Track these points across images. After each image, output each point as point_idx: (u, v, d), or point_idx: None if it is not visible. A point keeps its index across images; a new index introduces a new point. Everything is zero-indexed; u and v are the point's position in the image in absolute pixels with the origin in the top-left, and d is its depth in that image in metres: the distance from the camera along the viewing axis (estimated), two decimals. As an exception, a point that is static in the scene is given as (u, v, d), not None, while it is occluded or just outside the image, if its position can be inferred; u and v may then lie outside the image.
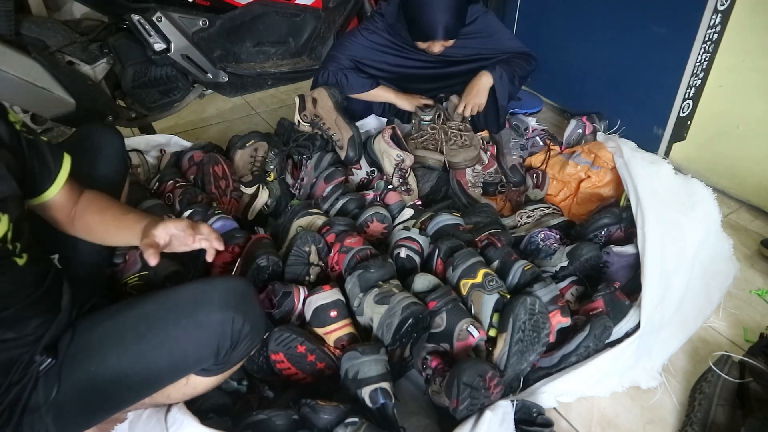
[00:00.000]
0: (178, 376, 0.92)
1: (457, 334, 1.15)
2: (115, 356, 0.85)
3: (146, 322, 0.87)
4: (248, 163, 1.66)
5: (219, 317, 0.87)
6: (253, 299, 0.94)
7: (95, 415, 0.89)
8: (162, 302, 0.89)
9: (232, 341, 0.89)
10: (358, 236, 1.34)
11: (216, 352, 0.88)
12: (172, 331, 0.86)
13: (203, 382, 0.98)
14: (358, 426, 0.96)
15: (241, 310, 0.88)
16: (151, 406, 0.99)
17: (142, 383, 0.88)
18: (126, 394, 0.89)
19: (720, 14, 1.72)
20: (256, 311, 0.94)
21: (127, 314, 0.88)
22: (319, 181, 1.64)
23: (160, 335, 0.86)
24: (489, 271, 1.25)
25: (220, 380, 1.02)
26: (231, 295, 0.89)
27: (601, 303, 1.28)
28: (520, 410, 1.08)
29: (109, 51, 1.80)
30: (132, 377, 0.86)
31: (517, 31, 2.48)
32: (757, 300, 1.53)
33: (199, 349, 0.87)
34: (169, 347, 0.86)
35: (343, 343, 1.17)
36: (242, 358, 0.98)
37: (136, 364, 0.86)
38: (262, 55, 2.15)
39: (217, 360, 0.90)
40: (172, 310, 0.87)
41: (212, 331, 0.87)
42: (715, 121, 1.92)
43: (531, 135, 1.89)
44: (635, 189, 1.48)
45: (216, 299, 0.88)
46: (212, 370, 0.94)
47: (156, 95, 1.97)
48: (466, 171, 1.78)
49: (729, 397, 1.18)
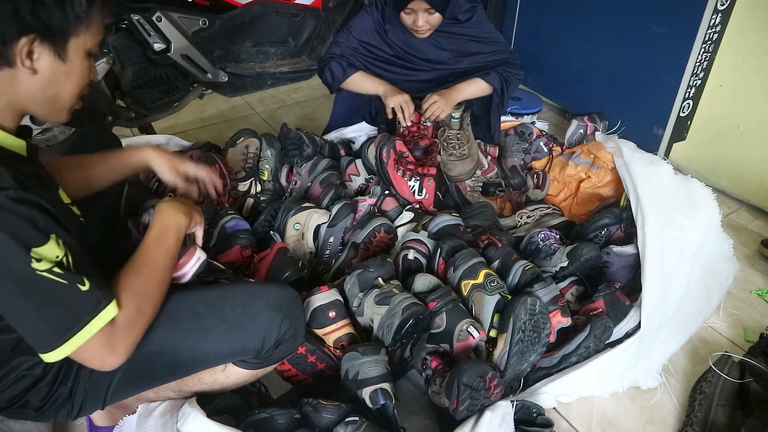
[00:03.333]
0: (221, 361, 0.97)
1: (457, 334, 1.15)
2: (168, 329, 0.88)
3: (204, 303, 0.92)
4: (241, 160, 1.66)
5: (270, 315, 0.93)
6: (300, 309, 1.02)
7: (130, 386, 0.92)
8: (221, 291, 0.95)
9: (276, 340, 0.94)
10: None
11: (260, 346, 0.93)
12: (227, 316, 0.91)
13: (238, 374, 1.02)
14: (358, 425, 0.96)
15: (290, 315, 0.95)
16: (176, 393, 1.03)
17: (188, 360, 0.92)
18: (168, 369, 0.93)
19: (720, 14, 1.72)
20: (302, 320, 1.01)
21: (186, 295, 0.93)
22: (314, 185, 1.64)
23: (215, 318, 0.91)
24: (490, 271, 1.25)
25: (254, 376, 1.05)
26: (284, 299, 0.97)
27: (601, 303, 1.29)
28: (520, 410, 1.09)
29: (109, 51, 1.80)
30: (179, 352, 0.90)
31: (517, 31, 2.48)
32: (757, 300, 1.53)
33: (246, 340, 0.92)
34: (221, 330, 0.91)
35: (342, 344, 1.17)
36: (280, 359, 1.03)
37: (186, 341, 0.90)
38: (262, 55, 2.14)
39: (259, 354, 0.95)
40: (230, 299, 0.93)
41: (262, 326, 0.92)
42: (715, 121, 1.92)
43: (534, 139, 1.88)
44: (635, 189, 1.48)
45: (271, 299, 0.95)
46: (252, 363, 0.98)
47: (156, 95, 1.97)
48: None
49: (729, 397, 1.18)
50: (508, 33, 2.51)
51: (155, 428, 0.97)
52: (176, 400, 1.03)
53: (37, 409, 0.86)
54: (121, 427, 1.01)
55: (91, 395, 0.89)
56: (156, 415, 0.99)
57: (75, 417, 0.90)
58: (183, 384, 1.01)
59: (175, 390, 1.03)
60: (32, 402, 0.85)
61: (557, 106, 2.48)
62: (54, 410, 0.88)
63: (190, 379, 1.00)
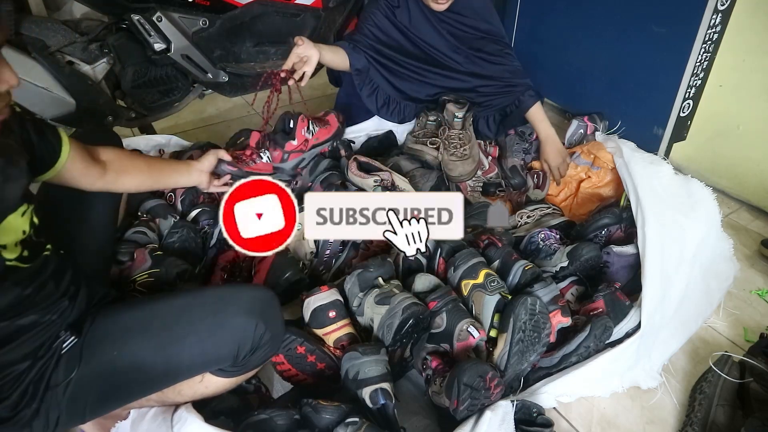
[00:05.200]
0: (195, 372, 0.94)
1: (458, 334, 1.15)
2: (138, 342, 0.87)
3: (173, 314, 0.90)
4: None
5: (243, 321, 0.90)
6: (276, 310, 0.98)
7: (108, 402, 0.91)
8: (191, 299, 0.93)
9: (252, 346, 0.91)
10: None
11: (236, 353, 0.91)
12: (198, 326, 0.89)
13: (217, 383, 0.99)
14: (358, 426, 0.96)
15: (264, 318, 0.92)
16: (159, 404, 1.00)
17: (161, 374, 0.90)
18: (142, 384, 0.91)
19: (720, 14, 1.72)
20: (278, 321, 0.98)
21: (154, 305, 0.91)
22: (315, 185, 1.64)
23: (185, 328, 0.89)
24: (490, 271, 1.25)
25: (234, 383, 1.03)
26: (257, 302, 0.94)
27: (601, 303, 1.29)
28: (520, 410, 1.09)
29: (109, 51, 1.80)
30: (152, 366, 0.88)
31: (517, 31, 2.48)
32: (757, 300, 1.53)
33: (220, 348, 0.90)
34: (192, 341, 0.88)
35: (342, 343, 1.17)
36: (259, 365, 1.00)
37: (158, 353, 0.88)
38: (262, 55, 2.14)
39: (236, 362, 0.93)
40: (200, 307, 0.91)
41: (235, 333, 0.90)
42: (715, 121, 1.92)
43: (534, 139, 1.88)
44: (635, 189, 1.48)
45: (243, 303, 0.92)
46: (229, 371, 0.96)
47: (156, 95, 1.97)
48: (466, 178, 1.77)
49: (729, 397, 1.18)
50: (508, 33, 2.50)
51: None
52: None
53: (2, 421, 0.82)
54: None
55: (67, 412, 0.86)
56: (149, 419, 0.98)
57: (53, 430, 0.87)
58: (164, 396, 0.98)
59: (157, 401, 1.00)
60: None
61: (557, 106, 2.48)
62: (20, 426, 0.83)
63: (169, 391, 0.97)
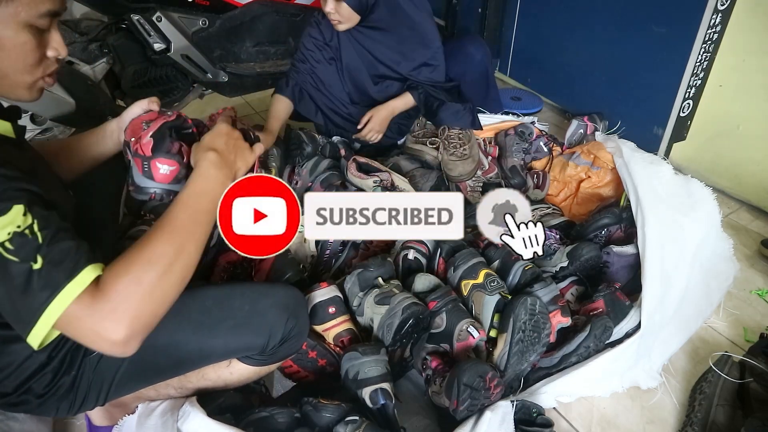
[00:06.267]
0: (226, 356, 0.98)
1: (457, 334, 1.15)
2: (177, 322, 0.88)
3: (213, 299, 0.94)
4: None
5: (277, 313, 0.95)
6: (305, 309, 1.05)
7: (137, 379, 0.93)
8: (230, 289, 0.97)
9: (282, 337, 0.96)
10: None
11: (266, 343, 0.95)
12: (235, 312, 0.93)
13: (242, 370, 1.03)
14: (358, 424, 0.96)
15: (295, 314, 0.98)
16: (177, 391, 1.03)
17: (194, 355, 0.93)
18: (174, 364, 0.94)
19: (720, 14, 1.72)
20: (306, 319, 1.04)
21: (195, 291, 0.92)
22: (315, 185, 1.64)
23: (223, 313, 0.92)
24: (490, 271, 1.25)
25: (258, 373, 1.06)
26: (290, 299, 0.99)
27: (601, 303, 1.29)
28: (520, 410, 1.09)
29: (109, 51, 1.80)
30: (186, 346, 0.91)
31: (517, 31, 2.48)
32: (757, 300, 1.53)
33: (253, 336, 0.94)
34: (228, 326, 0.92)
35: (342, 340, 1.18)
36: (284, 357, 1.04)
37: (194, 335, 0.91)
38: (262, 55, 2.14)
39: (264, 351, 0.96)
40: (239, 296, 0.95)
41: (268, 323, 0.94)
42: (715, 121, 1.92)
43: (534, 139, 1.88)
44: (635, 189, 1.48)
45: (278, 298, 0.97)
46: (256, 359, 0.99)
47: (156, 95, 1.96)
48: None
49: (729, 397, 1.18)
50: (508, 33, 2.51)
51: (155, 427, 0.98)
52: (176, 399, 1.03)
53: (39, 396, 0.86)
54: (120, 427, 1.01)
55: (94, 387, 0.89)
56: (156, 415, 0.99)
57: (76, 411, 0.91)
58: (186, 380, 1.02)
59: (177, 387, 1.03)
60: (35, 389, 0.85)
61: (557, 106, 2.48)
62: (56, 400, 0.88)
63: (193, 375, 1.01)
